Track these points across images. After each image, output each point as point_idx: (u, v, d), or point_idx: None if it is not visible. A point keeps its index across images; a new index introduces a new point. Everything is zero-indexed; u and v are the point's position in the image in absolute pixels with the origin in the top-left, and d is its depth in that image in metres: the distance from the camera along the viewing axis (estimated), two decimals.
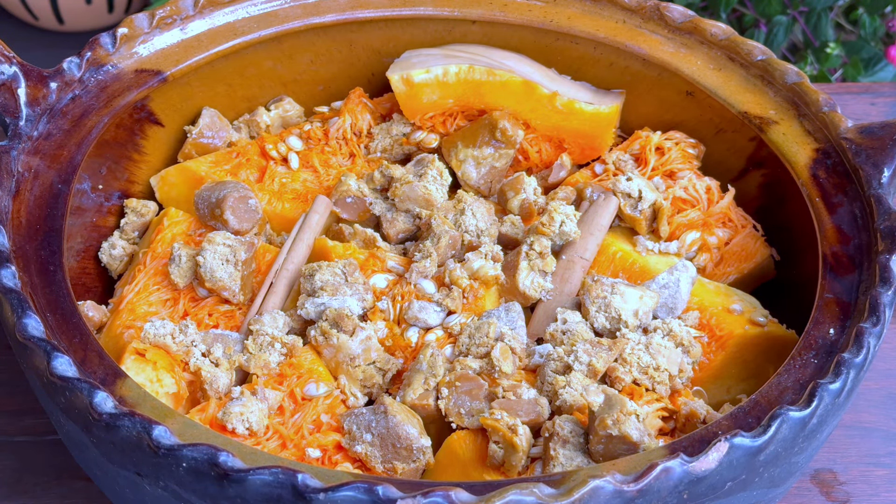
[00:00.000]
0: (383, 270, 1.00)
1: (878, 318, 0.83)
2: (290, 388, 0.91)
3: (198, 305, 0.99)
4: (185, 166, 1.10)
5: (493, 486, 0.71)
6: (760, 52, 1.06)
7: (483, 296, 0.97)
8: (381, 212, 1.06)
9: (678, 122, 1.11)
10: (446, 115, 1.13)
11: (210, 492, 0.73)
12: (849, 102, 1.40)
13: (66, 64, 1.02)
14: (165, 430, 0.73)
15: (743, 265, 1.04)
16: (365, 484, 0.70)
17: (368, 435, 0.87)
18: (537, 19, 1.13)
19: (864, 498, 1.01)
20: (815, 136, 1.01)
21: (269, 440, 0.87)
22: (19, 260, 0.87)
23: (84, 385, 0.76)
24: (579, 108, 1.10)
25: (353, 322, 0.93)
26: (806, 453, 0.82)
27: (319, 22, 1.13)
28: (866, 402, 1.09)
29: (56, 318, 0.85)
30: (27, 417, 1.05)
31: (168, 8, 1.08)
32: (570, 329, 0.94)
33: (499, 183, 1.11)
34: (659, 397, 0.90)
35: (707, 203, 1.05)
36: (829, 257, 0.92)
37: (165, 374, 0.91)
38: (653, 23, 1.12)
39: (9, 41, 1.05)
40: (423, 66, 1.09)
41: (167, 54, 1.07)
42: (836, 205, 0.96)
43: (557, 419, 0.84)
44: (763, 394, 0.82)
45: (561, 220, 0.99)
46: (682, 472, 0.72)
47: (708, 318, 0.96)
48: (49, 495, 0.99)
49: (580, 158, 1.13)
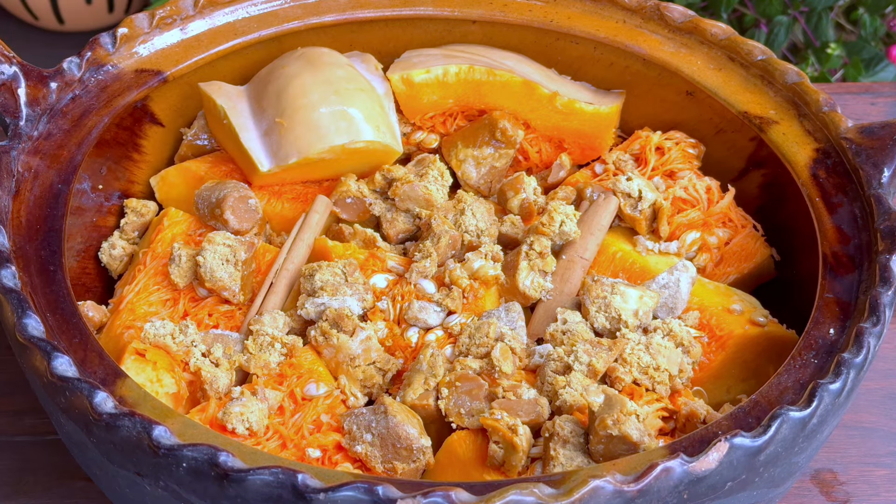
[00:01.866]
0: (383, 270, 1.00)
1: (878, 318, 0.83)
2: (290, 388, 0.91)
3: (198, 305, 0.99)
4: (185, 166, 1.10)
5: (493, 486, 0.71)
6: (760, 52, 1.07)
7: (483, 296, 0.97)
8: (380, 212, 1.06)
9: (678, 122, 1.11)
10: (446, 116, 1.13)
11: (210, 492, 0.73)
12: (849, 102, 1.40)
13: (66, 64, 1.02)
14: (165, 430, 0.73)
15: (743, 265, 1.04)
16: (365, 484, 0.70)
17: (368, 435, 0.87)
18: (537, 19, 1.14)
19: (864, 498, 1.01)
20: (815, 136, 1.01)
21: (269, 440, 0.87)
22: (19, 260, 0.87)
23: (84, 385, 0.76)
24: (579, 108, 1.10)
25: (353, 322, 0.93)
26: (806, 453, 0.82)
27: (319, 22, 1.13)
28: (866, 402, 1.09)
29: (56, 319, 0.85)
30: (27, 417, 1.05)
31: (168, 8, 1.08)
32: (570, 329, 0.94)
33: (499, 183, 1.11)
34: (659, 397, 0.90)
35: (707, 203, 1.05)
36: (829, 257, 0.92)
37: (165, 374, 0.91)
38: (653, 23, 1.12)
39: (9, 41, 1.05)
40: (423, 66, 1.09)
41: (167, 54, 1.07)
42: (836, 205, 0.96)
43: (557, 419, 0.84)
44: (763, 394, 0.82)
45: (561, 220, 0.99)
46: (682, 472, 0.72)
47: (708, 318, 0.96)
48: (49, 495, 0.99)
49: (580, 158, 1.13)
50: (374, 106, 1.06)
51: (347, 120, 1.03)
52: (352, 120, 1.03)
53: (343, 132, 1.02)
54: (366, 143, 1.03)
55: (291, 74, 1.05)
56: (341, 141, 1.02)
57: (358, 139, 1.03)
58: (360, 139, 1.03)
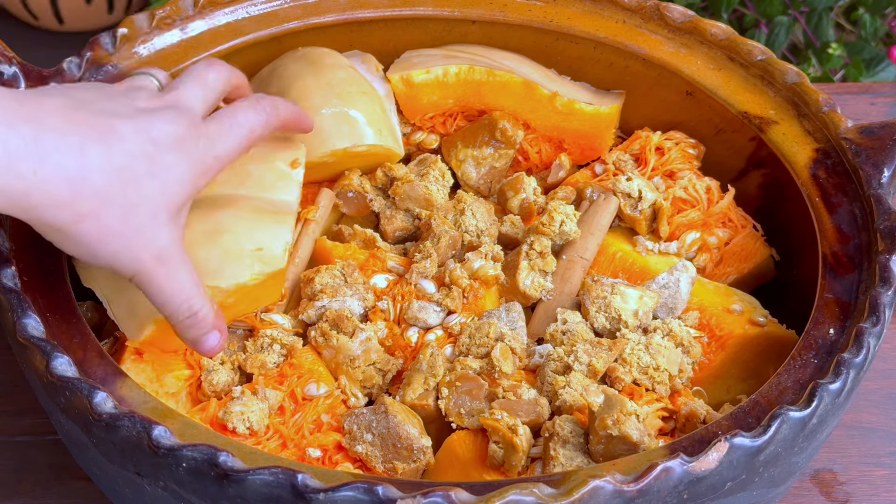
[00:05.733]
0: (383, 270, 1.00)
1: (878, 318, 0.83)
2: (291, 388, 0.91)
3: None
4: None
5: (493, 486, 0.71)
6: (760, 52, 1.07)
7: (483, 296, 0.97)
8: (380, 208, 1.07)
9: (678, 122, 1.11)
10: (446, 116, 1.13)
11: (210, 492, 0.73)
12: (849, 102, 1.40)
13: (66, 64, 1.02)
14: (165, 430, 0.73)
15: (743, 265, 1.04)
16: (365, 484, 0.70)
17: (369, 435, 0.87)
18: (537, 19, 1.14)
19: (864, 498, 1.01)
20: (815, 136, 1.01)
21: (269, 440, 0.87)
22: (19, 260, 0.87)
23: (84, 385, 0.76)
24: (579, 109, 1.10)
25: (353, 323, 0.93)
26: (806, 453, 0.82)
27: (319, 22, 1.13)
28: (866, 402, 1.09)
29: (56, 318, 0.85)
30: (27, 417, 1.05)
31: (168, 8, 1.08)
32: (570, 329, 0.94)
33: (499, 183, 1.11)
34: (659, 397, 0.90)
35: (707, 203, 1.06)
36: (828, 257, 0.92)
37: (165, 374, 0.91)
38: (653, 23, 1.12)
39: (9, 41, 1.04)
40: (423, 66, 1.09)
41: (167, 54, 1.07)
42: (835, 205, 0.96)
43: (557, 419, 0.84)
44: (763, 394, 0.82)
45: (561, 220, 0.99)
46: (682, 472, 0.72)
47: (708, 318, 0.96)
48: (49, 495, 0.99)
49: (580, 159, 1.13)
50: (376, 108, 1.06)
51: (349, 123, 1.03)
52: (354, 123, 1.03)
53: (345, 136, 1.02)
54: (368, 147, 1.03)
55: (293, 76, 1.05)
56: (343, 145, 1.02)
57: (360, 143, 1.03)
58: (362, 143, 1.03)
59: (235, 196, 0.91)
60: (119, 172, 0.75)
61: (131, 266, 0.78)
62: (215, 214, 0.88)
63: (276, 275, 0.88)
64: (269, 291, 0.91)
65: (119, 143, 0.76)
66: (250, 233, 0.88)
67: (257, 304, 0.93)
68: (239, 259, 0.86)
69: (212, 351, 0.83)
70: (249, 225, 0.88)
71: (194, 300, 0.81)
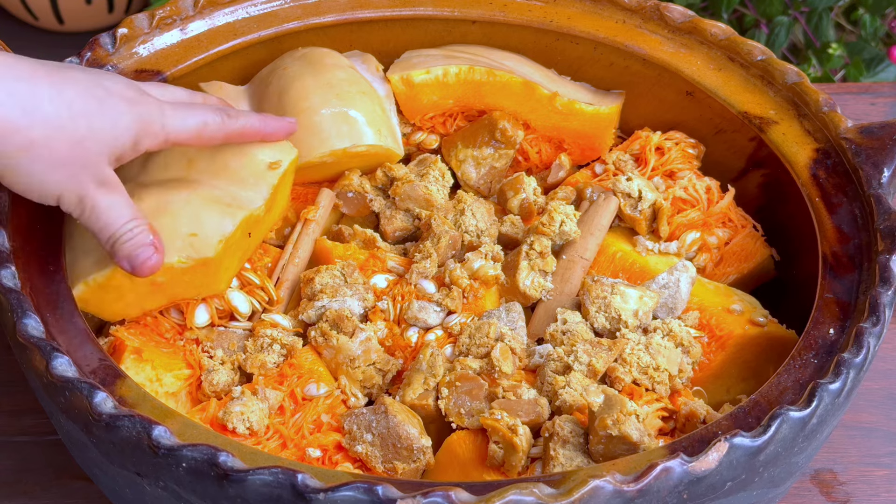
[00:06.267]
0: (383, 271, 1.00)
1: (878, 318, 0.83)
2: (291, 388, 0.91)
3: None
4: None
5: (493, 486, 0.71)
6: (760, 53, 1.07)
7: (483, 296, 0.97)
8: (379, 208, 1.07)
9: (678, 122, 1.11)
10: (446, 116, 1.13)
11: (210, 492, 0.73)
12: (849, 102, 1.40)
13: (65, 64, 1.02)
14: (165, 430, 0.73)
15: (743, 265, 1.04)
16: (365, 484, 0.70)
17: (369, 435, 0.87)
18: (537, 19, 1.14)
19: (864, 498, 1.01)
20: (815, 136, 1.01)
21: (269, 440, 0.87)
22: (19, 260, 0.87)
23: (84, 385, 0.76)
24: (579, 109, 1.10)
25: (353, 323, 0.93)
26: (806, 453, 0.82)
27: (319, 22, 1.13)
28: (866, 402, 1.09)
29: (56, 318, 0.85)
30: (27, 417, 1.05)
31: (168, 8, 1.08)
32: (570, 329, 0.94)
33: (499, 183, 1.11)
34: (659, 397, 0.90)
35: (707, 203, 1.06)
36: (828, 257, 0.92)
37: (165, 374, 0.91)
38: (653, 23, 1.12)
39: (9, 41, 1.05)
40: (423, 66, 1.09)
41: (167, 54, 1.07)
42: (835, 205, 0.96)
43: (557, 419, 0.84)
44: (763, 394, 0.82)
45: (561, 220, 0.99)
46: (682, 472, 0.72)
47: (708, 318, 0.96)
48: (49, 495, 0.99)
49: (580, 159, 1.13)
50: (376, 108, 1.06)
51: (349, 123, 1.03)
52: (353, 123, 1.03)
53: (345, 136, 1.02)
54: (367, 147, 1.03)
55: (293, 76, 1.05)
56: (343, 145, 1.02)
57: (360, 143, 1.03)
58: (361, 143, 1.03)
59: (198, 181, 0.92)
60: (69, 106, 0.80)
61: (76, 191, 0.82)
62: (168, 195, 0.90)
63: (207, 262, 0.89)
64: (203, 279, 0.91)
65: (71, 82, 0.81)
66: (191, 218, 0.89)
67: (194, 289, 0.93)
68: (170, 241, 0.88)
69: (145, 264, 0.84)
70: (194, 211, 0.89)
71: (133, 222, 0.84)
